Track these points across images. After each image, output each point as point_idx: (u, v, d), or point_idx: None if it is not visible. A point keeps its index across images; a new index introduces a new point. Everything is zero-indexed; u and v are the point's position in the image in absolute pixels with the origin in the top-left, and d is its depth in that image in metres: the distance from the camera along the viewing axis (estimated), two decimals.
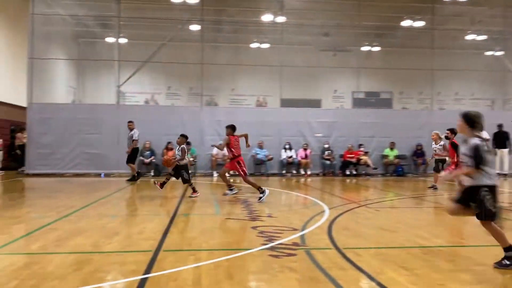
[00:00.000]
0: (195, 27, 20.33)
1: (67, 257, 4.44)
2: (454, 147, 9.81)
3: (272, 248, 4.87)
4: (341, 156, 17.55)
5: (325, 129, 17.84)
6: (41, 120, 16.24)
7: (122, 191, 10.81)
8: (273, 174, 17.20)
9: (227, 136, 9.67)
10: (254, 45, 23.49)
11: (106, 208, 7.99)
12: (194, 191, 9.53)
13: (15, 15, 19.27)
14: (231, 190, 9.66)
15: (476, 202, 4.23)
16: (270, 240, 5.25)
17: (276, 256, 4.53)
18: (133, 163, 13.65)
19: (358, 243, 5.23)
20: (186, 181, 9.69)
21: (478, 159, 4.13)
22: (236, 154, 9.47)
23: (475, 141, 4.21)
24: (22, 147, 16.91)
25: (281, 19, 18.77)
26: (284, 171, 17.22)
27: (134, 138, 13.41)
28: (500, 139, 16.86)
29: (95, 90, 23.49)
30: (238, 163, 9.38)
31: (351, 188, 13.12)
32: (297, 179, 15.55)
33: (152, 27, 21.91)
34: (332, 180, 15.43)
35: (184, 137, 10.09)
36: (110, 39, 22.17)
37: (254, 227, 6.08)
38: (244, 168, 9.46)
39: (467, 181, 4.29)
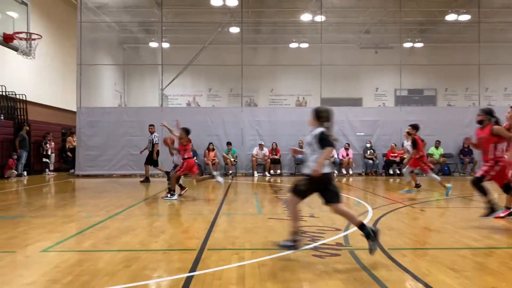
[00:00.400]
0: (234, 29, 20.57)
1: (116, 255, 4.62)
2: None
3: (315, 248, 4.86)
4: (384, 155, 17.18)
5: (367, 128, 17.53)
6: (89, 123, 16.94)
7: (167, 191, 11.07)
8: None
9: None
10: (293, 45, 23.45)
11: (151, 208, 8.23)
12: (169, 191, 9.33)
13: (63, 24, 20.24)
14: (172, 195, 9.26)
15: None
16: (313, 240, 5.24)
17: (319, 256, 4.51)
18: (155, 165, 13.78)
19: (404, 244, 5.12)
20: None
21: None
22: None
23: None
24: (73, 150, 17.72)
25: (320, 18, 18.60)
26: None
27: (154, 142, 13.57)
28: None
29: (140, 94, 24.29)
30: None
31: (395, 187, 12.81)
32: (338, 179, 15.36)
33: (193, 31, 22.40)
34: (375, 180, 15.13)
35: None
36: (153, 44, 22.85)
37: None
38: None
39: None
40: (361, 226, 4.49)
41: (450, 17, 20.06)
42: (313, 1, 19.07)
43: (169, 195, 9.13)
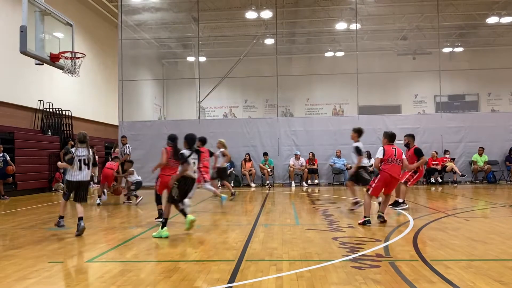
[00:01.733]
0: (269, 41, 20.79)
1: (157, 265, 4.74)
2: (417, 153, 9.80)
3: (354, 259, 4.79)
4: (425, 163, 16.69)
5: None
6: (131, 137, 17.44)
7: (205, 202, 11.24)
8: None
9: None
10: (328, 54, 23.39)
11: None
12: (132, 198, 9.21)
13: (105, 42, 21.12)
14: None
15: None
16: (352, 251, 5.17)
17: (359, 268, 4.45)
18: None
19: (447, 255, 4.96)
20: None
21: None
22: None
23: None
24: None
25: (355, 26, 18.48)
26: None
27: (126, 152, 13.40)
28: None
29: (178, 107, 24.89)
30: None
31: (437, 196, 12.42)
32: None
33: (228, 44, 22.82)
34: (415, 189, 14.72)
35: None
36: (190, 58, 23.43)
37: (335, 238, 6.02)
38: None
39: None
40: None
41: (491, 19, 19.43)
42: (348, 10, 18.99)
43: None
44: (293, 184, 16.60)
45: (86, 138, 6.96)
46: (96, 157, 18.51)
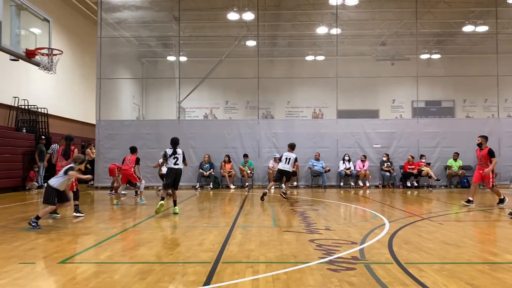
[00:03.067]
0: (251, 43, 20.81)
1: (132, 267, 4.67)
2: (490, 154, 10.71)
3: (330, 262, 4.82)
4: (401, 167, 16.99)
5: (384, 140, 17.40)
6: (108, 136, 17.21)
7: (183, 203, 11.15)
8: (331, 186, 16.98)
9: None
10: (309, 58, 23.57)
11: (168, 220, 8.29)
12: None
13: (84, 39, 20.78)
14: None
15: None
16: (329, 254, 5.20)
17: (335, 270, 4.48)
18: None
19: (421, 258, 5.04)
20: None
21: None
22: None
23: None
24: (91, 162, 17.99)
25: (336, 31, 18.69)
26: (342, 183, 16.95)
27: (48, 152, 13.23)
28: None
29: (158, 107, 24.67)
30: None
31: (413, 200, 12.64)
32: (355, 191, 15.23)
33: (210, 44, 22.75)
34: (392, 192, 14.95)
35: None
36: (171, 58, 23.26)
37: (312, 240, 6.05)
38: None
39: None
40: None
41: (467, 28, 19.92)
42: (329, 15, 19.18)
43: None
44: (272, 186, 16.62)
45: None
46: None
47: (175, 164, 9.05)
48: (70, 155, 8.69)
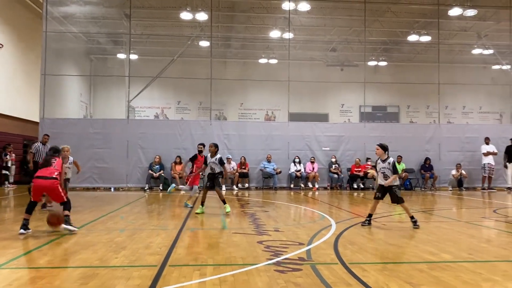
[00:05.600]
0: (204, 43, 20.70)
1: (73, 272, 4.50)
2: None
3: (277, 263, 4.88)
4: (349, 170, 17.52)
5: (333, 143, 17.87)
6: (53, 134, 16.39)
7: (131, 205, 10.89)
8: (282, 188, 17.20)
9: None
10: (262, 61, 23.77)
11: (114, 222, 8.06)
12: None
13: (27, 33, 19.74)
14: None
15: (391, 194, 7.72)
16: (276, 255, 5.26)
17: (281, 271, 4.54)
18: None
19: (364, 258, 5.22)
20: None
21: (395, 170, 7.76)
22: None
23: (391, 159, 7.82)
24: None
25: (288, 35, 18.98)
26: (292, 185, 17.21)
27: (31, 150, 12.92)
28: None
29: (106, 105, 23.92)
30: None
31: (358, 202, 13.07)
32: (305, 193, 15.52)
33: (162, 43, 22.36)
34: (339, 194, 15.38)
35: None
36: (121, 55, 22.62)
37: (260, 242, 6.10)
38: None
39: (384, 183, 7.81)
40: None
41: (412, 37, 20.92)
42: (282, 19, 19.44)
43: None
44: (223, 188, 16.59)
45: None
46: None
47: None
48: None
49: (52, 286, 4.00)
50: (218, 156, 9.40)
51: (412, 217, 7.63)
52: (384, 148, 7.98)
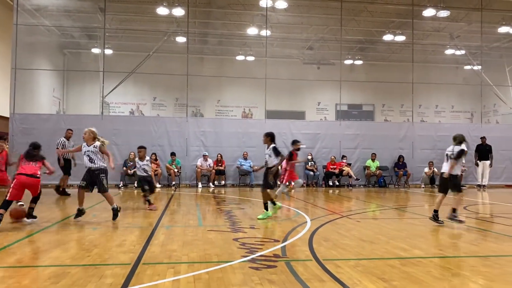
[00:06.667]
0: (181, 39, 20.49)
1: (44, 271, 4.39)
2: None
3: (252, 260, 4.89)
4: (324, 167, 17.69)
5: (309, 141, 17.98)
6: (24, 130, 16.03)
7: (104, 203, 10.69)
8: (258, 185, 17.21)
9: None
10: (239, 58, 23.70)
11: (87, 220, 7.91)
12: (150, 203, 9.51)
13: None
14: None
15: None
16: (251, 252, 5.27)
17: (256, 268, 4.55)
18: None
19: (338, 255, 5.28)
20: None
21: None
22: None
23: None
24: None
25: (265, 32, 18.99)
26: None
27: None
28: (482, 151, 17.20)
29: (80, 101, 23.41)
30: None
31: (334, 199, 13.22)
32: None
33: (137, 38, 22.02)
34: (315, 191, 15.52)
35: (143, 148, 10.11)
36: (95, 50, 22.17)
37: (236, 239, 6.10)
38: None
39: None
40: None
41: (387, 37, 21.24)
42: (259, 16, 19.42)
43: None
44: (199, 185, 16.52)
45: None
46: None
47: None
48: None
49: (21, 285, 3.89)
50: (272, 145, 8.25)
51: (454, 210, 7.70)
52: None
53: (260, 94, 18.82)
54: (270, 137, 8.29)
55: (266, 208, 8.22)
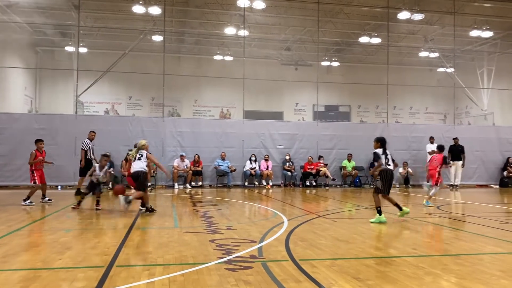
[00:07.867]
0: (157, 38, 20.28)
1: (13, 274, 4.26)
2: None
3: (229, 261, 4.86)
4: (302, 167, 17.80)
5: (287, 141, 18.07)
6: None
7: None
8: (236, 186, 17.19)
9: None
10: (217, 57, 23.63)
11: (60, 222, 7.72)
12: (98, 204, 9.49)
13: None
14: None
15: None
16: (228, 253, 5.24)
17: (232, 270, 4.52)
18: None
19: (314, 255, 5.30)
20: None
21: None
22: None
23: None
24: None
25: (243, 32, 18.97)
26: (246, 183, 17.25)
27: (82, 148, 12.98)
28: (455, 152, 17.58)
29: (53, 100, 22.91)
30: None
31: (311, 199, 13.30)
32: (259, 191, 15.60)
33: (113, 36, 21.67)
34: (292, 191, 15.59)
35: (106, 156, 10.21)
36: (69, 48, 21.71)
37: (212, 240, 6.05)
38: None
39: None
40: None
41: (363, 39, 21.53)
42: (237, 16, 19.39)
43: None
44: (176, 186, 16.37)
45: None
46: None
47: (387, 164, 8.10)
48: None
49: None
50: (374, 150, 8.27)
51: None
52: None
53: (238, 94, 18.79)
54: (379, 143, 8.26)
55: (379, 212, 7.99)
